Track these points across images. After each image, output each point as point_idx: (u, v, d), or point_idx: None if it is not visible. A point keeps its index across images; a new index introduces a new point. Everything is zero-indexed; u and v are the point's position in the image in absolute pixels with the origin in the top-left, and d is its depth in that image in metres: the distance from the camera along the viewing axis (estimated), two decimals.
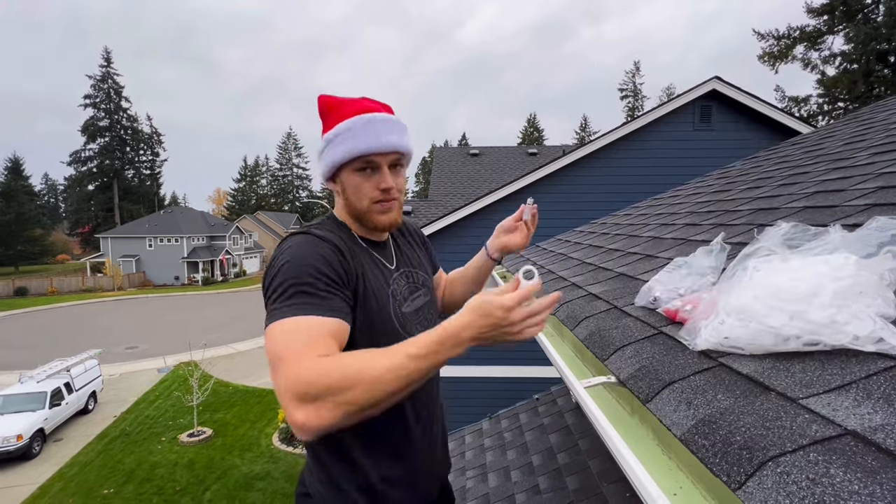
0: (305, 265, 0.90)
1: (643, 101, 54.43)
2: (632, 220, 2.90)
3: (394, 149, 1.01)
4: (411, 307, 1.10)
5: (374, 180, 1.02)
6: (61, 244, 54.38)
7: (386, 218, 1.05)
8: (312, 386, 0.74)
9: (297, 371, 0.76)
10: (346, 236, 1.05)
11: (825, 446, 0.50)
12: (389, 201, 1.04)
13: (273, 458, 10.44)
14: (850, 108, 16.60)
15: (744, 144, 7.04)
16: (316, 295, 0.87)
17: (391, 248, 1.15)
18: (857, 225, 0.96)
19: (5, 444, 10.12)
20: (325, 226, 1.06)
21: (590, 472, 2.43)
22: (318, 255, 0.92)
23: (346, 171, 1.03)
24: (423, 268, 1.23)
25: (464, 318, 0.79)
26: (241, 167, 71.45)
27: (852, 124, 2.90)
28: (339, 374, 0.75)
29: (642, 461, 0.71)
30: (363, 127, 0.99)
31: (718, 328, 0.79)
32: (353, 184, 1.03)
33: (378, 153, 1.00)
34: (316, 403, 0.74)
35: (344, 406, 0.74)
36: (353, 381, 0.75)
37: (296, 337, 0.81)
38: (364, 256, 1.04)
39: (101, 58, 50.39)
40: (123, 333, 21.40)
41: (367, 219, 1.05)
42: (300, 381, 0.75)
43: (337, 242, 0.97)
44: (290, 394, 0.75)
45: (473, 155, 16.37)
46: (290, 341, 0.81)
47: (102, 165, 50.65)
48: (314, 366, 0.77)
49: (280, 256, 0.94)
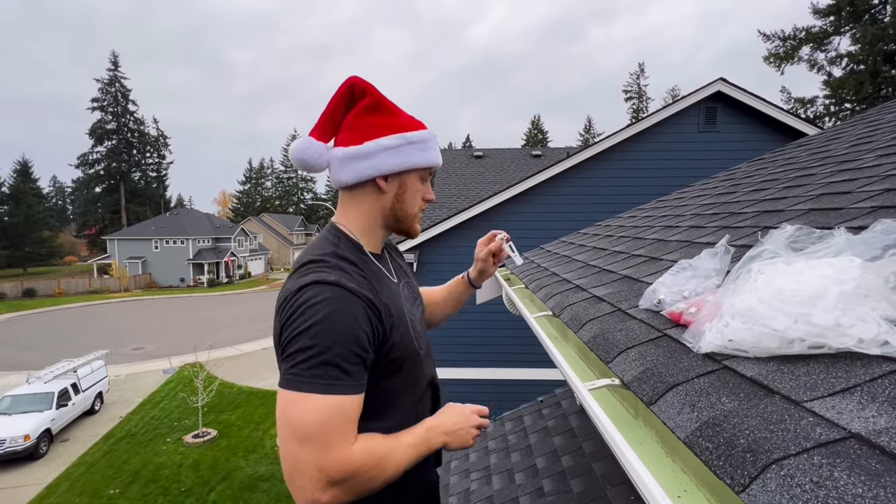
0: (340, 334, 0.84)
1: (648, 102, 54.28)
2: (636, 222, 2.90)
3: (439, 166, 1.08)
4: (417, 318, 1.09)
5: (424, 190, 1.07)
6: (69, 246, 54.89)
7: (419, 227, 1.11)
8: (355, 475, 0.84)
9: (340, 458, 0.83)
10: (361, 259, 0.98)
11: (829, 449, 0.50)
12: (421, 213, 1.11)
13: (277, 459, 10.46)
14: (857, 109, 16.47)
15: (749, 146, 7.00)
16: (348, 372, 0.85)
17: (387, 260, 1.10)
18: (862, 227, 0.96)
19: (13, 444, 10.21)
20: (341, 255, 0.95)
21: (594, 474, 2.42)
22: (352, 322, 0.86)
23: (413, 175, 1.04)
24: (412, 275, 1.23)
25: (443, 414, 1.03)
26: (246, 169, 71.98)
27: (859, 126, 2.88)
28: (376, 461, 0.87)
29: (646, 464, 0.71)
30: (433, 141, 1.05)
31: (723, 331, 0.79)
32: (415, 189, 1.04)
33: (437, 167, 1.07)
34: (344, 489, 0.84)
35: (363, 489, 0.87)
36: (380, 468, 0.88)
37: (334, 421, 0.83)
38: (379, 276, 1.00)
39: (109, 61, 51.00)
40: (129, 335, 21.54)
41: (408, 224, 1.07)
42: (344, 470, 0.83)
43: (369, 294, 0.90)
44: (325, 477, 0.81)
45: (477, 157, 16.38)
46: (328, 423, 0.82)
47: (109, 168, 51.14)
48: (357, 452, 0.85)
49: (308, 310, 0.85)
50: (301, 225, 61.88)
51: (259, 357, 18.08)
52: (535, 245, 3.69)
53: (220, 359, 16.77)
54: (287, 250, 57.12)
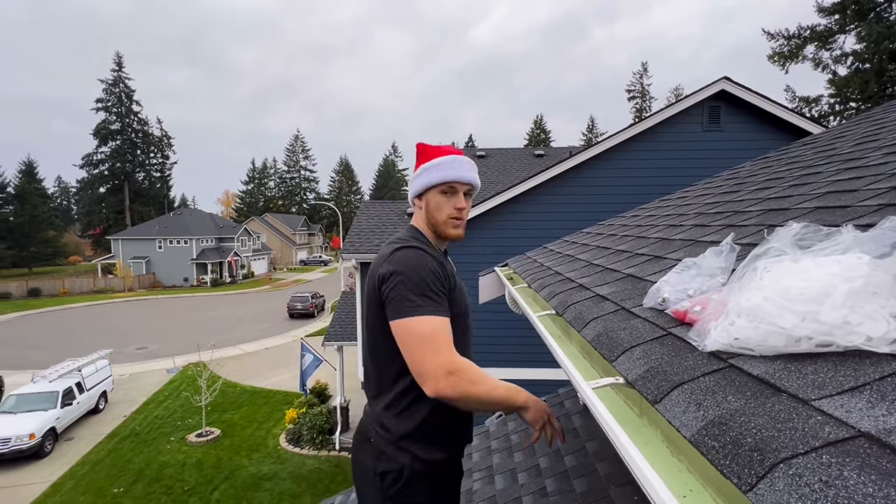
0: (427, 273, 1.26)
1: (651, 102, 54.12)
2: (640, 221, 2.89)
3: (468, 181, 1.41)
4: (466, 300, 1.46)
5: (452, 201, 1.40)
6: (73, 246, 55.17)
7: (455, 231, 1.42)
8: (462, 371, 1.18)
9: (453, 356, 1.20)
10: (431, 247, 1.40)
11: (838, 448, 0.50)
12: (459, 219, 1.41)
13: (280, 458, 10.49)
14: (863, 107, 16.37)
15: (753, 145, 6.97)
16: (439, 302, 1.25)
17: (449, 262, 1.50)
18: (870, 225, 0.95)
19: (18, 443, 10.28)
20: (419, 240, 1.38)
21: (597, 474, 2.42)
22: (431, 267, 1.28)
23: (433, 192, 1.41)
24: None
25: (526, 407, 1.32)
26: (249, 169, 72.14)
27: (864, 124, 2.86)
28: (476, 373, 1.21)
29: (651, 463, 0.71)
30: (450, 163, 1.40)
31: (728, 329, 0.78)
32: (437, 202, 1.40)
33: (458, 182, 1.39)
34: (455, 379, 1.17)
35: (467, 391, 1.18)
36: (479, 382, 1.21)
37: (440, 331, 1.21)
38: (443, 262, 1.38)
39: (113, 62, 51.29)
40: (133, 334, 21.65)
41: (442, 230, 1.41)
42: (456, 364, 1.18)
43: (440, 258, 1.35)
44: (446, 368, 1.17)
45: (480, 157, 16.36)
46: (442, 332, 1.21)
47: (114, 168, 51.40)
48: (463, 360, 1.21)
49: (403, 262, 1.27)
50: (304, 225, 61.98)
51: (262, 357, 18.13)
52: (538, 244, 3.68)
53: (224, 358, 16.82)
54: (290, 250, 57.24)
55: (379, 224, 13.63)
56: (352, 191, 75.86)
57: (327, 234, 68.97)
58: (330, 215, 69.40)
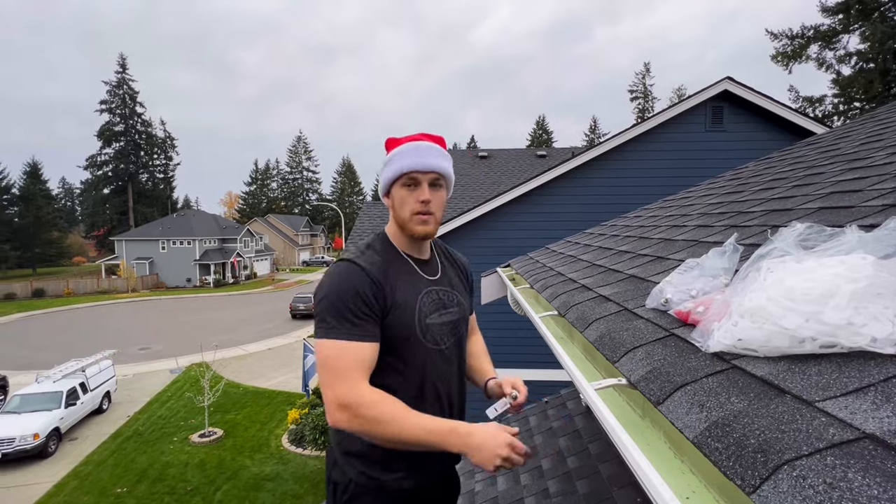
0: (347, 294, 1.14)
1: (654, 102, 54.00)
2: (642, 221, 2.88)
3: (432, 169, 1.23)
4: (439, 320, 1.27)
5: (415, 194, 1.23)
6: (77, 247, 55.44)
7: (421, 228, 1.25)
8: (359, 406, 1.06)
9: (350, 389, 1.07)
10: (390, 253, 1.27)
11: (843, 450, 0.49)
12: (427, 214, 1.24)
13: (283, 459, 10.50)
14: (867, 107, 16.29)
15: (757, 146, 6.94)
16: (356, 324, 1.13)
17: (437, 267, 1.36)
18: (874, 225, 0.95)
19: (22, 443, 10.32)
20: (372, 247, 1.28)
21: (600, 476, 2.41)
22: (355, 285, 1.16)
23: (396, 186, 1.26)
24: (462, 293, 1.40)
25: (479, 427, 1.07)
26: (252, 170, 72.43)
27: (869, 124, 2.84)
28: (380, 411, 1.06)
29: (654, 464, 0.71)
30: (409, 151, 1.23)
31: (731, 330, 0.78)
32: (400, 196, 1.25)
33: (419, 171, 1.22)
34: (349, 414, 1.06)
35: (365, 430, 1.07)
36: (384, 422, 1.06)
37: (345, 358, 1.10)
38: (403, 269, 1.26)
39: (117, 64, 51.53)
40: (137, 334, 21.72)
41: (408, 227, 1.25)
42: (350, 398, 1.07)
43: (373, 270, 1.19)
44: (338, 401, 1.07)
45: (482, 157, 16.37)
46: (343, 360, 1.10)
47: (117, 169, 51.62)
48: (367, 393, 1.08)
49: (329, 280, 1.19)
50: (306, 226, 62.09)
51: (265, 357, 18.16)
52: (541, 245, 3.68)
53: (226, 359, 16.86)
54: (293, 251, 57.35)
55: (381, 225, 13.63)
56: (354, 191, 75.98)
57: (330, 235, 69.08)
58: (332, 216, 69.52)
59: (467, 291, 1.46)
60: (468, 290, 1.48)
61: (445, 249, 1.48)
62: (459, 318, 1.34)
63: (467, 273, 1.50)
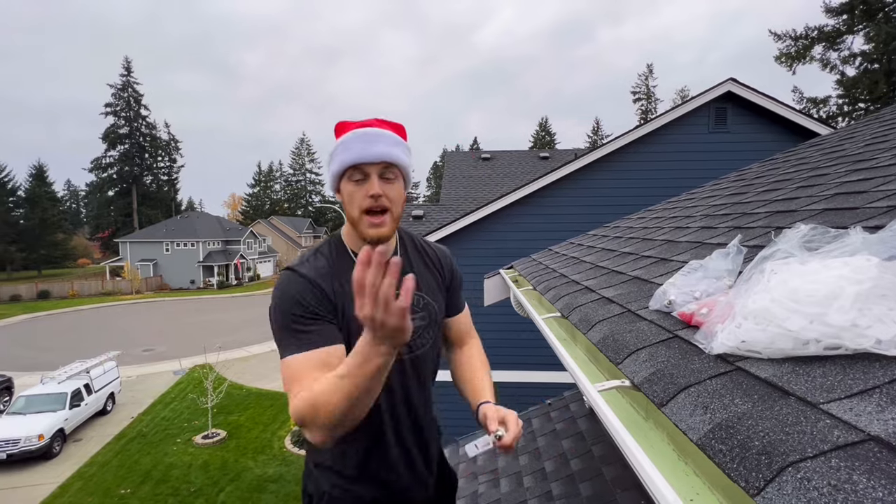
0: (287, 305, 1.03)
1: (656, 103, 53.91)
2: (645, 223, 2.87)
3: (380, 158, 1.05)
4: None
5: (364, 188, 1.06)
6: (82, 248, 55.75)
7: (374, 231, 1.06)
8: (300, 418, 0.93)
9: (292, 404, 0.95)
10: (340, 256, 1.13)
11: (847, 452, 0.49)
12: (379, 213, 1.06)
13: (286, 460, 10.51)
14: (871, 108, 16.21)
15: (760, 147, 6.91)
16: (302, 333, 1.01)
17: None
18: (878, 227, 0.94)
19: (27, 444, 10.37)
20: (320, 251, 1.14)
21: (603, 478, 2.40)
22: (293, 294, 1.04)
23: (344, 181, 1.09)
24: (433, 293, 1.22)
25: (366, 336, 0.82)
26: (255, 172, 72.64)
27: (873, 125, 2.83)
28: (308, 405, 0.91)
29: (658, 466, 0.71)
30: (353, 140, 1.06)
31: (735, 332, 0.77)
32: (348, 192, 1.08)
33: (365, 162, 1.05)
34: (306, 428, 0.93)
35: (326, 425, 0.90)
36: (315, 409, 0.90)
37: (290, 375, 1.00)
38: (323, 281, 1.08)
39: (122, 67, 51.88)
40: (141, 336, 21.80)
41: (359, 229, 1.09)
42: (294, 413, 0.94)
43: (314, 276, 1.07)
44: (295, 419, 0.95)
45: (485, 159, 16.38)
46: (289, 379, 1.00)
47: (122, 172, 51.93)
48: (295, 402, 0.94)
49: (273, 293, 1.08)
50: (309, 227, 62.26)
51: (268, 359, 18.19)
52: (543, 247, 3.68)
53: (230, 360, 16.90)
54: (295, 252, 57.47)
55: None
56: None
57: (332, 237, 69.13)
58: (335, 218, 69.60)
59: (442, 290, 1.26)
60: (444, 288, 1.27)
61: (417, 243, 1.28)
62: (426, 325, 1.17)
63: (444, 267, 1.28)
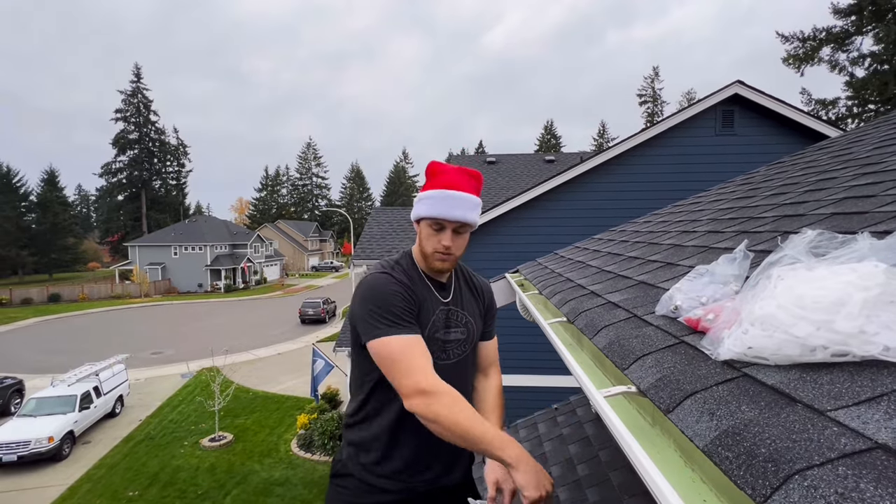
0: (390, 296, 1.30)
1: (663, 106, 53.72)
2: (652, 227, 2.86)
3: (457, 220, 1.36)
4: (445, 336, 1.43)
5: (439, 236, 1.37)
6: (92, 252, 56.45)
7: (439, 265, 1.40)
8: (439, 394, 1.17)
9: (426, 377, 1.19)
10: (414, 271, 1.44)
11: (855, 460, 0.49)
12: (446, 255, 1.38)
13: (292, 464, 10.52)
14: (882, 110, 16.03)
15: (768, 149, 6.86)
16: (404, 319, 1.28)
17: (451, 289, 1.49)
18: (887, 232, 0.94)
19: (37, 446, 10.48)
20: (402, 262, 1.44)
21: (610, 484, 2.38)
22: (396, 291, 1.32)
23: (424, 222, 1.40)
24: (474, 315, 1.52)
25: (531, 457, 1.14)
26: (262, 177, 73.23)
27: (883, 127, 2.80)
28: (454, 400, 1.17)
29: (664, 473, 0.70)
30: (441, 199, 1.35)
31: (742, 338, 0.77)
32: (425, 234, 1.40)
33: (445, 220, 1.35)
34: (428, 400, 1.16)
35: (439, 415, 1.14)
36: (457, 411, 1.15)
37: (415, 350, 1.24)
38: (424, 288, 1.42)
39: (132, 73, 52.65)
40: (149, 339, 22.00)
41: (429, 261, 1.41)
42: (429, 385, 1.18)
43: (405, 280, 1.37)
44: (418, 388, 1.18)
45: (490, 163, 16.38)
46: (412, 351, 1.24)
47: (131, 176, 52.62)
48: (443, 384, 1.19)
49: (373, 286, 1.34)
50: (316, 231, 62.56)
51: (274, 362, 18.27)
52: (549, 250, 3.67)
53: (237, 363, 16.97)
54: (302, 256, 57.77)
55: (389, 230, 13.71)
56: (363, 197, 76.47)
57: (339, 241, 69.51)
58: (341, 222, 69.93)
59: (480, 315, 1.55)
60: (482, 315, 1.57)
61: (468, 274, 1.59)
62: (465, 338, 1.46)
63: (486, 298, 1.60)
